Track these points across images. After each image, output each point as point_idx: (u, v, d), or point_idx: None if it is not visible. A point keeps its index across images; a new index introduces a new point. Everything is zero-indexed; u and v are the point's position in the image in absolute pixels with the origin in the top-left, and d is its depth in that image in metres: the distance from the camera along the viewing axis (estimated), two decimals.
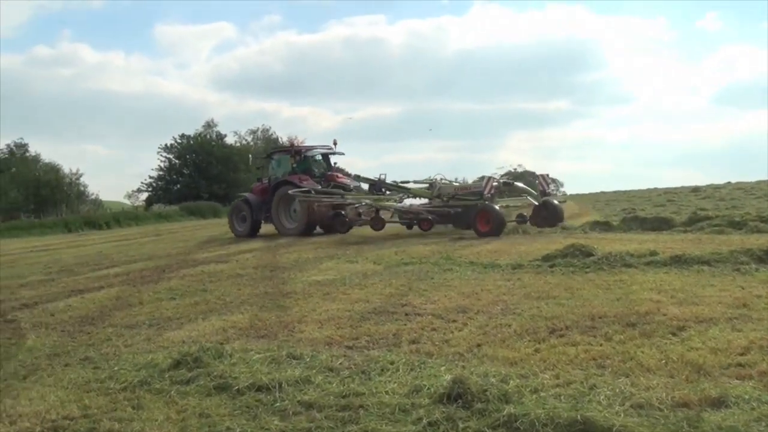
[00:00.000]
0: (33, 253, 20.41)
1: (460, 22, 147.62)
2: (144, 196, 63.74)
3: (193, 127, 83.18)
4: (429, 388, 4.38)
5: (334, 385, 4.64)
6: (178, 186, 60.93)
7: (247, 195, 23.22)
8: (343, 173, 22.83)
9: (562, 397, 4.14)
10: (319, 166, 22.98)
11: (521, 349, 5.44)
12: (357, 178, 21.77)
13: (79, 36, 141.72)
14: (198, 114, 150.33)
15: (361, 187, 21.42)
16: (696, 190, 40.26)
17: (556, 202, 19.17)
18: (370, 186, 20.73)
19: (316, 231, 21.27)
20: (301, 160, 22.23)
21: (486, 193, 18.04)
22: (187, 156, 61.92)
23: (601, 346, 5.40)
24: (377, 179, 20.31)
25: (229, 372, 4.99)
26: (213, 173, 59.43)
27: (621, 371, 4.65)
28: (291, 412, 4.18)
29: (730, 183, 49.76)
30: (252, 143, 69.63)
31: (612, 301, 7.17)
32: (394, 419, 3.99)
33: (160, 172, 62.30)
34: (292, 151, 22.61)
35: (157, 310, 8.24)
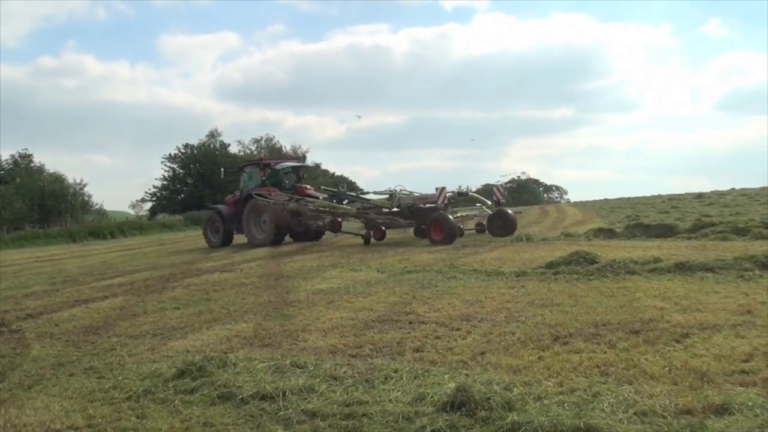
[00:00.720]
0: (38, 263, 20.47)
1: (464, 30, 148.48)
2: (148, 205, 64.11)
3: (197, 136, 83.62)
4: (432, 397, 4.38)
5: (338, 393, 4.64)
6: (182, 196, 61.05)
7: (220, 207, 24.38)
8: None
9: (566, 404, 4.14)
10: (290, 179, 24.00)
11: (525, 356, 5.44)
12: (318, 189, 23.42)
13: (83, 47, 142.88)
14: (202, 123, 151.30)
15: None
16: (700, 197, 40.27)
17: (510, 211, 20.40)
18: (330, 196, 22.46)
19: (287, 240, 22.47)
20: (271, 173, 23.27)
21: (439, 203, 19.18)
22: (191, 166, 62.08)
23: (604, 353, 5.40)
24: (337, 190, 22.77)
25: (233, 381, 4.99)
26: (217, 183, 59.51)
27: (624, 378, 4.64)
28: (295, 421, 4.18)
29: (734, 189, 49.84)
30: (256, 152, 69.74)
31: (616, 309, 7.16)
32: (398, 428, 3.99)
33: (164, 182, 62.50)
34: (261, 164, 23.70)
35: (161, 319, 8.24)
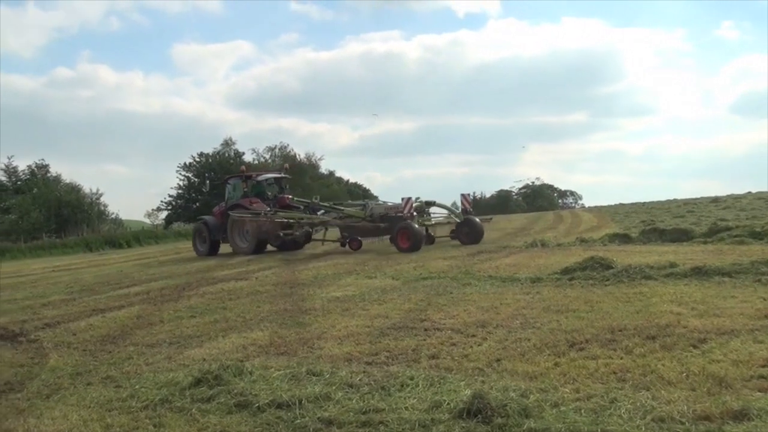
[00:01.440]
0: (55, 272, 20.63)
1: (476, 36, 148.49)
2: (163, 214, 64.22)
3: (211, 145, 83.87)
4: (449, 404, 4.37)
5: (354, 401, 4.64)
6: (198, 204, 61.27)
7: (206, 218, 25.34)
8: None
9: (583, 411, 4.11)
10: (272, 189, 24.85)
11: (541, 363, 5.42)
12: (292, 200, 24.41)
13: (98, 57, 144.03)
14: (216, 132, 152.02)
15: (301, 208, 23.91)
16: (716, 201, 40.00)
17: (477, 220, 21.19)
18: (304, 207, 23.50)
19: (269, 249, 23.37)
20: (254, 184, 24.02)
21: (406, 213, 19.90)
22: (206, 174, 62.29)
23: (621, 359, 5.37)
24: (310, 201, 23.66)
25: (250, 389, 5.01)
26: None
27: (642, 384, 4.62)
28: (311, 429, 4.19)
29: (750, 193, 49.41)
30: (270, 160, 70.00)
31: (632, 314, 7.12)
32: None
33: (179, 191, 62.72)
34: (243, 176, 24.39)
35: (178, 328, 8.29)
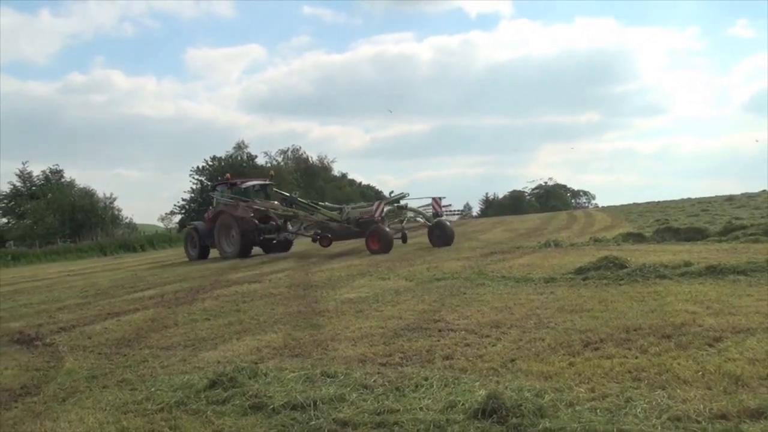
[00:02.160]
0: (70, 277, 20.80)
1: (489, 37, 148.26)
2: (177, 218, 64.55)
3: (224, 148, 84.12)
4: (463, 404, 4.36)
5: (369, 402, 4.64)
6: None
7: (197, 223, 26.36)
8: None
9: (598, 410, 4.10)
10: (258, 196, 25.62)
11: (556, 362, 5.40)
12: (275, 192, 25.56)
13: (111, 62, 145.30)
14: (229, 136, 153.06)
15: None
16: (730, 199, 39.78)
17: (447, 223, 21.71)
18: (282, 200, 24.09)
19: (256, 251, 24.08)
20: (240, 191, 24.87)
21: (377, 216, 20.57)
22: (219, 178, 62.51)
23: (636, 358, 5.34)
24: (289, 195, 24.39)
25: (264, 391, 5.03)
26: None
27: (657, 384, 4.60)
28: (326, 431, 4.19)
29: (765, 191, 49.03)
30: (283, 163, 70.17)
31: (647, 313, 7.08)
32: None
33: (193, 195, 62.96)
34: (228, 183, 25.49)
35: (192, 331, 8.32)
